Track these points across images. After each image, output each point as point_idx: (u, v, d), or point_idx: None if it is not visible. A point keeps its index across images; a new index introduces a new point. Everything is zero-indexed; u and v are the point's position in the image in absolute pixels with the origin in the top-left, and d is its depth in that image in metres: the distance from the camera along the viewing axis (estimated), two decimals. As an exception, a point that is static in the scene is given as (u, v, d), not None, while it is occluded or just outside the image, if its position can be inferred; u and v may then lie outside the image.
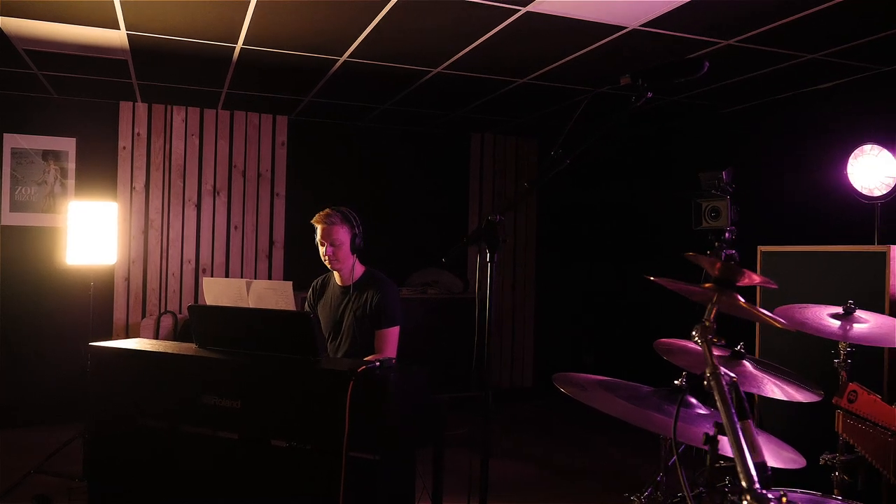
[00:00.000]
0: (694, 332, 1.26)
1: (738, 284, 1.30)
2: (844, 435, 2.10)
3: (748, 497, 0.93)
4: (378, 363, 2.37)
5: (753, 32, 3.54)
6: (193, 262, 5.70)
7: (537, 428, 5.59)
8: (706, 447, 1.17)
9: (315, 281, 3.40)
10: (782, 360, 3.08)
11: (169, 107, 5.64)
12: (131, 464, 2.73)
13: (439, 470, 2.70)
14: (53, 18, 3.61)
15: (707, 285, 1.31)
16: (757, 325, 3.25)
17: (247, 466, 2.54)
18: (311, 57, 4.17)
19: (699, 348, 2.06)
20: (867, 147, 3.05)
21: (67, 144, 5.45)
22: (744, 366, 1.96)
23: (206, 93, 5.21)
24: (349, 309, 3.17)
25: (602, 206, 6.48)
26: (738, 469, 0.96)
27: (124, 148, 5.56)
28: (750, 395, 2.02)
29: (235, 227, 5.83)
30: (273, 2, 3.29)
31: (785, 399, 1.78)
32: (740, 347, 1.96)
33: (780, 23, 3.37)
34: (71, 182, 5.45)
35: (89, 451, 3.44)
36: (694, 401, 1.63)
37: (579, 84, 4.62)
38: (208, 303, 3.15)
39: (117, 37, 3.88)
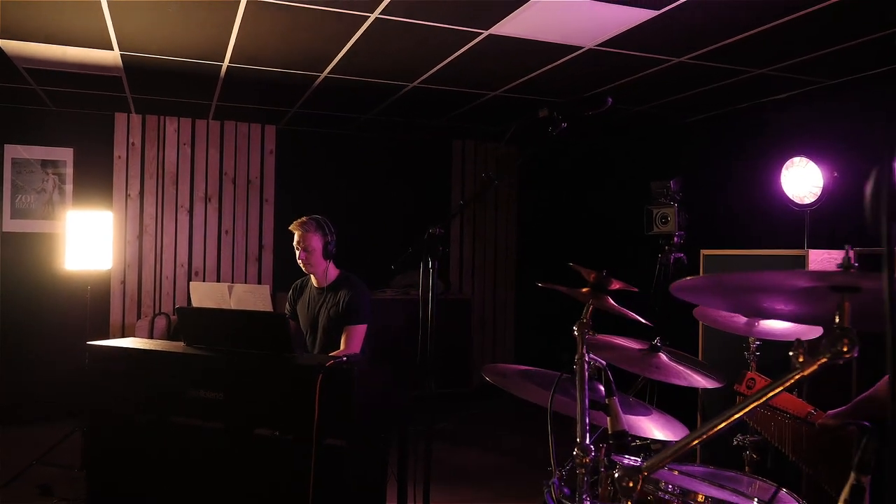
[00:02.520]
0: (574, 328, 1.54)
1: (609, 289, 1.58)
2: (745, 418, 2.38)
3: (577, 449, 1.21)
4: (345, 358, 2.65)
5: (703, 50, 3.81)
6: (186, 266, 5.98)
7: (515, 422, 5.87)
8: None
9: (296, 282, 3.69)
10: (719, 355, 3.38)
11: (162, 118, 5.92)
12: (127, 453, 2.99)
13: (404, 455, 2.98)
14: (51, 41, 3.88)
15: (584, 290, 1.59)
16: (700, 324, 3.53)
17: (230, 453, 2.81)
18: (293, 73, 4.45)
19: (623, 343, 2.35)
20: (797, 159, 3.33)
21: (65, 154, 5.73)
22: (660, 358, 2.23)
23: (197, 105, 5.49)
24: (324, 308, 3.45)
25: (573, 212, 6.76)
26: (578, 429, 1.25)
27: (119, 157, 5.84)
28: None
29: (226, 232, 6.10)
30: (255, 25, 3.56)
31: (687, 385, 2.06)
32: (657, 342, 2.24)
33: (727, 41, 3.64)
34: (69, 189, 5.73)
35: (88, 443, 3.71)
36: (601, 386, 1.90)
37: (547, 96, 4.89)
38: (195, 305, 3.43)
39: (111, 56, 4.15)
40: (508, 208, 7.09)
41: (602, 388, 1.78)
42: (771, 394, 0.96)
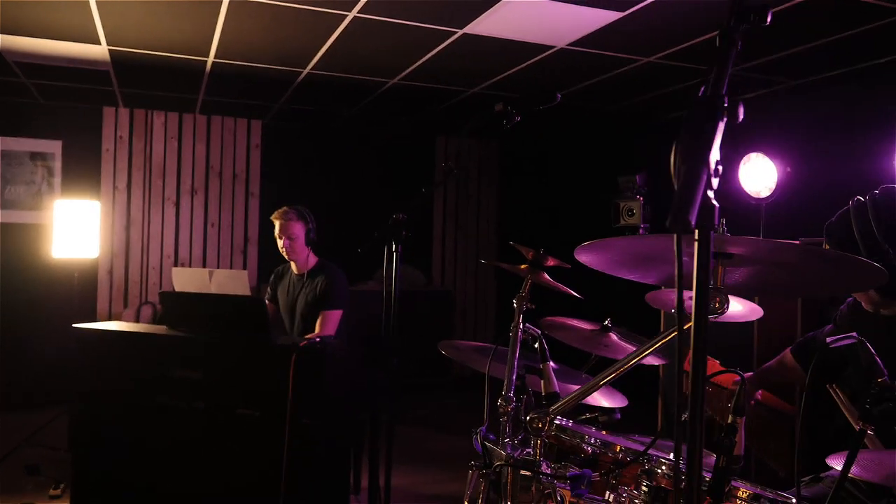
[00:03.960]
0: (514, 301, 1.70)
1: (545, 265, 1.74)
2: (687, 392, 2.54)
3: (501, 400, 1.37)
4: (318, 339, 2.80)
5: (669, 51, 3.97)
6: (173, 257, 6.10)
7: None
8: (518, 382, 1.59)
9: (277, 268, 3.83)
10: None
11: (149, 112, 6.04)
12: (110, 432, 3.09)
13: (375, 433, 3.13)
14: (40, 35, 4.00)
15: (523, 266, 1.75)
16: (661, 311, 3.70)
17: (209, 432, 2.93)
18: (277, 69, 4.58)
19: (577, 324, 2.51)
20: (753, 155, 3.50)
21: (54, 147, 5.84)
22: (610, 337, 2.39)
23: (184, 99, 5.61)
24: (302, 295, 3.60)
25: (547, 205, 6.92)
26: (505, 384, 1.40)
27: (107, 150, 5.95)
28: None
29: (212, 225, 6.23)
30: (238, 22, 3.69)
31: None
32: (608, 322, 2.40)
33: (692, 42, 3.80)
34: (57, 182, 5.84)
35: (73, 423, 3.82)
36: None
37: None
38: (177, 289, 3.57)
39: (99, 51, 4.28)
40: (489, 203, 7.25)
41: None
42: (651, 349, 1.12)
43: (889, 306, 1.78)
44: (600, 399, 2.08)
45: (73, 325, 3.18)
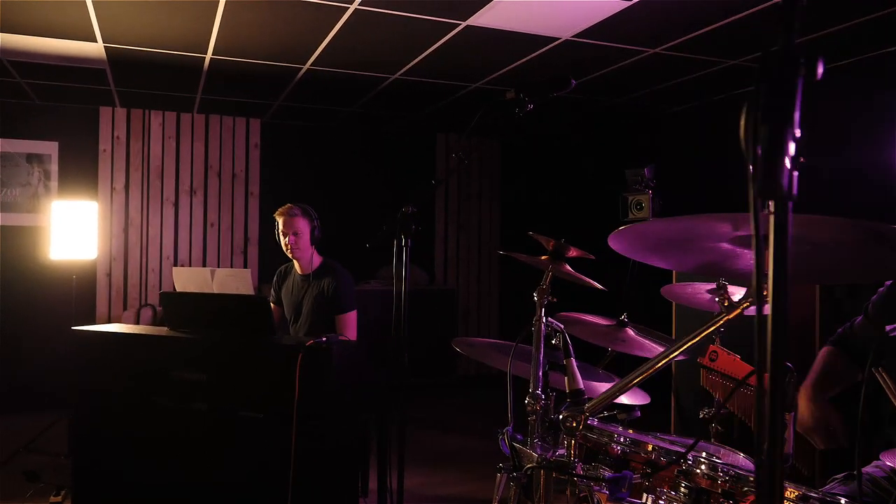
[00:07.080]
0: (535, 294, 1.62)
1: (566, 256, 1.67)
2: (708, 388, 2.47)
3: (528, 398, 1.30)
4: (324, 339, 2.72)
5: (675, 41, 3.90)
6: (172, 258, 6.02)
7: (498, 410, 5.97)
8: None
9: (279, 268, 3.74)
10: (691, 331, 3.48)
11: (147, 111, 5.96)
12: (112, 436, 3.03)
13: (383, 433, 3.05)
14: (35, 33, 3.92)
15: (544, 258, 1.68)
16: (673, 304, 3.63)
17: (214, 433, 2.87)
18: (276, 65, 4.51)
19: (593, 319, 2.44)
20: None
21: (50, 148, 5.75)
22: (626, 332, 2.32)
23: (182, 98, 5.53)
24: (308, 295, 3.51)
25: (552, 201, 6.85)
26: (531, 381, 1.33)
27: (104, 151, 5.87)
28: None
29: (212, 225, 6.15)
30: (237, 17, 3.62)
31: (648, 357, 2.15)
32: (624, 318, 2.33)
33: (698, 33, 3.73)
34: (54, 184, 5.76)
35: (73, 428, 3.75)
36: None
37: (528, 88, 4.97)
38: (178, 289, 3.49)
39: (95, 49, 4.20)
40: (492, 201, 7.18)
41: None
42: (699, 337, 1.05)
43: None
44: (621, 396, 2.01)
45: (73, 328, 3.11)
